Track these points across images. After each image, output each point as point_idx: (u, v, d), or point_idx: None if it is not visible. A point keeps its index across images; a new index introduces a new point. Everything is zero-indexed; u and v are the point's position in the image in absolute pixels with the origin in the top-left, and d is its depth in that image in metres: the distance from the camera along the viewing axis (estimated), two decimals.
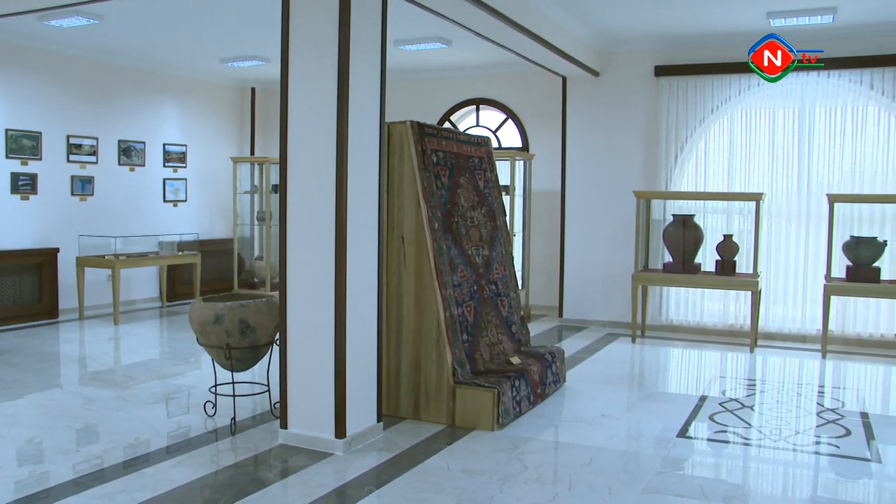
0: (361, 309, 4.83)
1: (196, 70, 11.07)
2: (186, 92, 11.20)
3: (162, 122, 10.84)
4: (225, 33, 8.81)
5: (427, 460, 4.65)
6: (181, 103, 11.13)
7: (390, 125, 5.42)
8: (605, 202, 9.33)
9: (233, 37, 8.98)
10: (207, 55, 10.11)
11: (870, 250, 7.81)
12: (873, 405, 6.24)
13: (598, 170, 9.40)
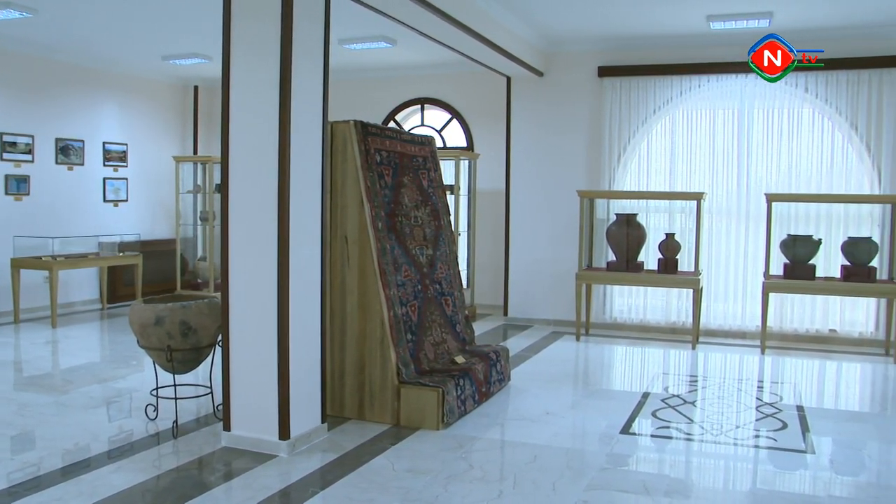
0: (305, 309, 4.80)
1: (137, 67, 10.87)
2: (127, 89, 11.00)
3: (101, 120, 10.63)
4: (166, 30, 8.66)
5: (372, 460, 4.63)
6: (121, 101, 10.92)
7: (333, 124, 5.39)
8: (549, 201, 9.40)
9: (174, 34, 8.85)
10: (148, 52, 9.93)
11: (806, 248, 7.99)
12: (809, 399, 6.39)
13: (542, 169, 9.47)
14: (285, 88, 4.53)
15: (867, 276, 7.82)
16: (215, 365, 5.21)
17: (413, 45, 8.75)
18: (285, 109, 4.53)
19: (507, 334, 8.87)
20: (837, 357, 7.95)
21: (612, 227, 8.62)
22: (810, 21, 7.91)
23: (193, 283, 10.93)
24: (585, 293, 8.87)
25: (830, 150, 8.52)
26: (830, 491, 4.38)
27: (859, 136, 8.31)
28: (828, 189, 8.45)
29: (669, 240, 8.49)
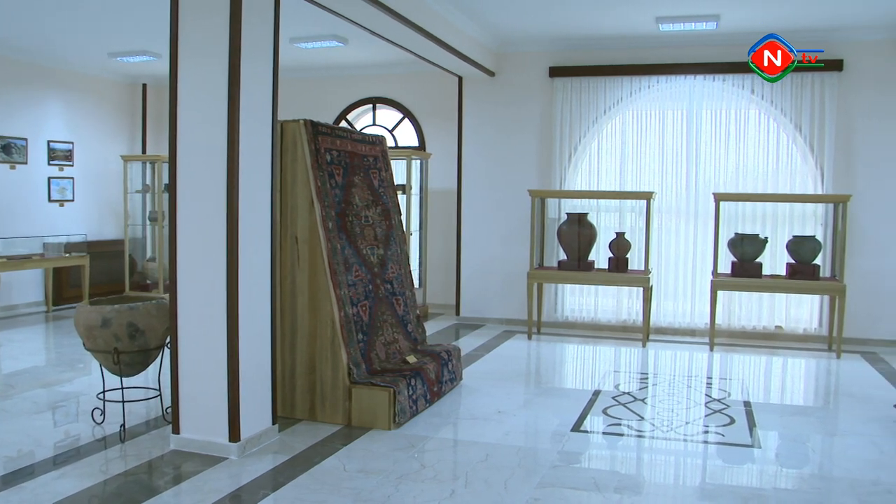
0: (254, 310, 4.75)
1: (83, 64, 10.65)
2: (72, 87, 10.78)
3: (46, 118, 10.40)
4: (113, 27, 8.50)
5: (323, 461, 4.60)
6: (67, 98, 10.70)
7: (283, 124, 5.34)
8: (500, 201, 9.43)
9: (122, 31, 8.69)
10: (95, 49, 9.74)
11: (753, 247, 8.13)
12: (755, 394, 6.49)
13: (493, 169, 9.49)
14: (234, 87, 4.47)
15: (811, 273, 7.98)
16: (164, 367, 5.13)
17: (365, 44, 8.72)
18: (234, 109, 4.48)
19: (459, 333, 8.88)
20: (783, 353, 8.10)
21: (563, 226, 8.68)
22: (756, 25, 8.04)
23: (143, 285, 10.77)
24: (537, 292, 8.92)
25: (776, 151, 8.69)
26: (776, 484, 4.46)
27: (803, 136, 8.47)
28: (774, 188, 8.62)
29: (620, 239, 8.57)
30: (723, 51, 8.61)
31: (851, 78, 8.37)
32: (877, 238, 8.37)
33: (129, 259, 10.74)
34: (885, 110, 8.34)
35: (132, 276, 10.79)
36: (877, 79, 8.33)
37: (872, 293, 8.38)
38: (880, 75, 8.31)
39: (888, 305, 8.40)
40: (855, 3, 7.35)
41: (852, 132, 8.41)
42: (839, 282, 7.88)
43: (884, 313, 8.42)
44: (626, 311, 9.19)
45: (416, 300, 6.67)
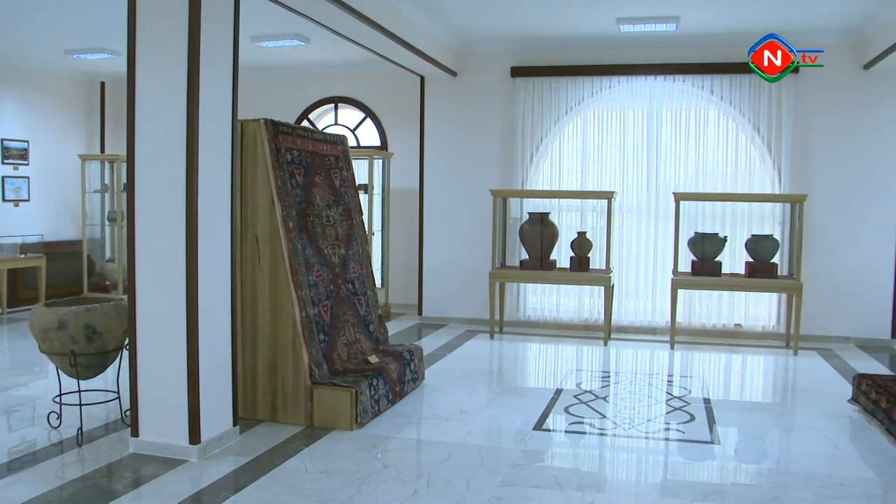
0: (214, 310, 4.70)
1: (38, 61, 10.45)
2: (28, 84, 10.58)
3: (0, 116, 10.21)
4: (70, 23, 8.35)
5: (285, 463, 4.57)
6: (21, 96, 10.51)
7: (243, 123, 5.29)
8: (463, 200, 9.43)
9: (79, 27, 8.54)
10: (50, 45, 9.55)
11: (712, 246, 8.22)
12: (715, 391, 6.57)
13: (456, 168, 9.49)
14: (193, 87, 4.42)
15: (769, 272, 8.08)
16: (123, 369, 5.05)
17: (327, 43, 8.67)
18: (193, 108, 4.43)
19: (421, 333, 8.87)
20: (742, 350, 8.21)
21: (524, 225, 8.70)
22: (714, 26, 8.15)
23: (102, 286, 10.61)
24: (499, 291, 8.94)
25: (735, 151, 8.79)
26: (735, 479, 4.52)
27: (761, 137, 8.59)
28: (733, 188, 8.72)
29: (581, 238, 8.61)
30: (682, 52, 8.71)
31: (807, 80, 8.51)
32: (832, 237, 8.52)
33: (87, 260, 10.57)
34: (839, 112, 8.49)
35: (91, 277, 10.63)
36: (831, 81, 8.47)
37: (828, 291, 8.53)
38: (834, 78, 8.45)
39: (843, 303, 8.55)
40: (810, 7, 7.47)
41: (808, 133, 8.55)
42: (796, 280, 8.00)
43: (838, 311, 8.57)
44: (587, 309, 9.24)
45: (378, 300, 6.66)
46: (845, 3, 7.36)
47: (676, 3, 7.45)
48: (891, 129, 8.40)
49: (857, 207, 8.49)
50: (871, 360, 7.73)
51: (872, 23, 7.81)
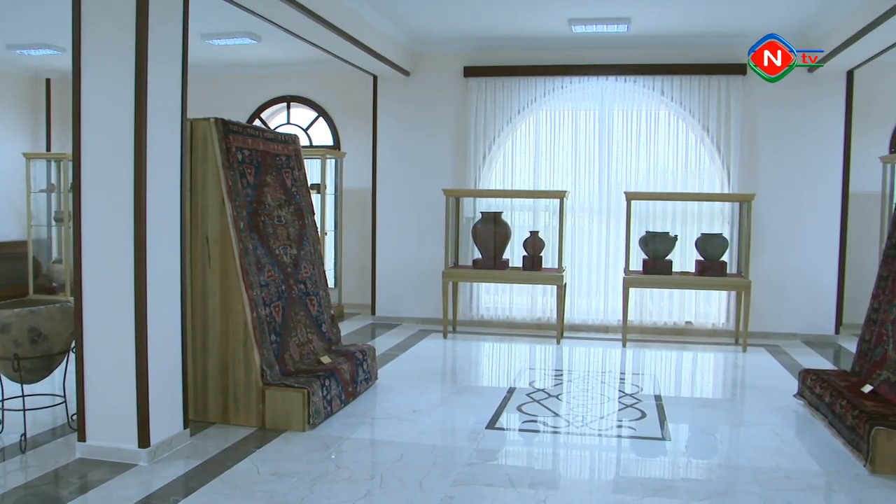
0: (164, 311, 4.63)
1: None
2: None
3: None
4: (12, 17, 8.15)
5: (236, 465, 4.51)
6: None
7: (193, 122, 5.22)
8: (415, 200, 9.42)
9: (22, 22, 8.33)
10: None
11: (663, 244, 8.31)
12: (667, 388, 6.64)
13: (408, 168, 9.47)
14: (141, 85, 4.34)
15: (719, 270, 8.20)
16: (70, 373, 4.95)
17: (279, 42, 8.59)
18: (141, 107, 4.35)
19: (374, 333, 8.84)
20: (693, 348, 8.31)
21: (477, 225, 8.71)
22: (665, 28, 8.25)
23: (48, 287, 10.39)
24: (452, 291, 8.95)
25: (685, 151, 8.90)
26: (685, 474, 4.58)
27: (710, 137, 8.71)
28: (683, 187, 8.83)
29: (534, 237, 8.65)
30: (634, 53, 8.79)
31: (755, 81, 8.61)
32: (779, 236, 8.67)
33: (33, 261, 10.35)
34: (784, 114, 8.66)
35: (37, 278, 10.40)
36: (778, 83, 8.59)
37: (775, 289, 8.68)
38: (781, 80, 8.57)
39: (789, 300, 8.72)
40: (757, 10, 7.59)
41: (756, 134, 8.70)
42: (745, 278, 8.12)
43: (785, 308, 8.74)
44: (540, 308, 9.28)
45: (331, 300, 6.62)
46: (791, 8, 7.50)
47: (627, 5, 7.52)
48: (834, 129, 8.59)
49: (803, 206, 8.65)
50: (817, 355, 7.89)
51: (816, 28, 7.98)
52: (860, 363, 5.64)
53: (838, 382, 5.46)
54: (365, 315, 9.89)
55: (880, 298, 5.57)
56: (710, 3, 7.40)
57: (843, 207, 8.62)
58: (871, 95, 8.78)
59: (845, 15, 7.22)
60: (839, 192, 8.61)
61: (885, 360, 5.21)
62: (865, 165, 8.79)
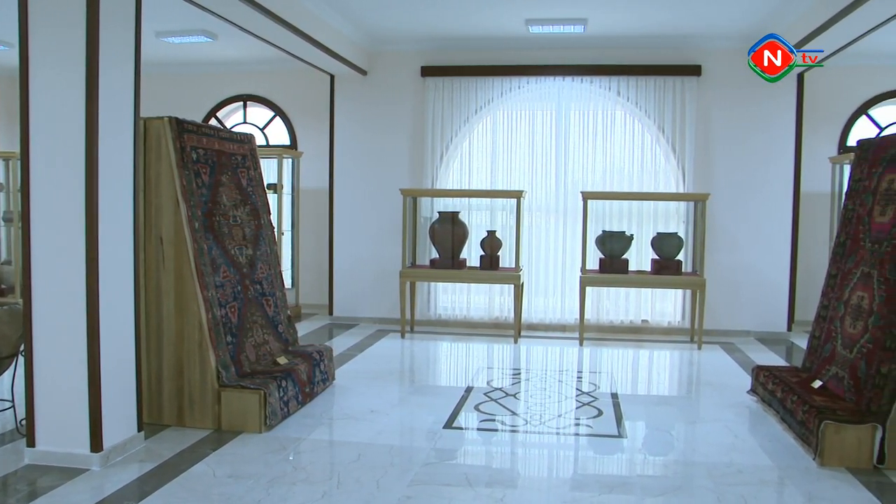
0: (117, 313, 4.55)
1: None
2: None
3: None
4: None
5: (192, 468, 4.45)
6: None
7: (147, 121, 5.14)
8: (373, 200, 9.38)
9: None
10: None
11: (619, 243, 8.38)
12: (623, 386, 6.69)
13: (366, 168, 9.44)
14: (92, 83, 4.26)
15: (675, 269, 8.28)
16: (18, 377, 4.84)
17: (235, 40, 8.51)
18: (92, 105, 4.27)
19: (332, 333, 8.79)
20: (649, 346, 8.39)
21: (435, 224, 8.71)
22: (621, 29, 8.32)
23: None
24: (410, 291, 8.94)
25: (641, 151, 8.99)
26: (642, 471, 4.62)
27: (666, 137, 8.80)
28: (639, 187, 8.92)
29: (491, 237, 8.67)
30: (590, 53, 8.86)
31: (708, 83, 8.77)
32: (733, 234, 8.79)
33: None
34: (738, 114, 8.79)
35: None
36: (730, 84, 8.75)
37: (730, 287, 8.80)
38: (734, 81, 8.74)
39: (743, 298, 8.84)
40: (711, 13, 7.70)
41: (710, 134, 8.82)
42: (699, 277, 8.21)
43: (739, 306, 8.87)
44: (498, 308, 9.31)
45: (288, 300, 6.58)
46: (744, 12, 7.63)
47: (584, 6, 7.56)
48: (786, 131, 8.73)
49: (756, 206, 8.79)
50: (770, 352, 8.02)
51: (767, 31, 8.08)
52: (810, 359, 5.74)
53: (789, 378, 5.56)
54: (322, 315, 9.84)
55: (829, 296, 5.68)
56: (666, 4, 7.48)
57: (795, 207, 8.78)
58: (820, 97, 8.98)
59: (795, 19, 7.36)
60: (791, 192, 8.76)
61: (834, 356, 5.31)
62: (815, 166, 8.98)
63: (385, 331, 8.98)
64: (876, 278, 5.00)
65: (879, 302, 4.88)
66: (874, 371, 4.72)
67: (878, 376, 4.68)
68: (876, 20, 6.43)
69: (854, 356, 5.01)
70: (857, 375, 4.91)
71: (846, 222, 5.69)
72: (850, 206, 5.68)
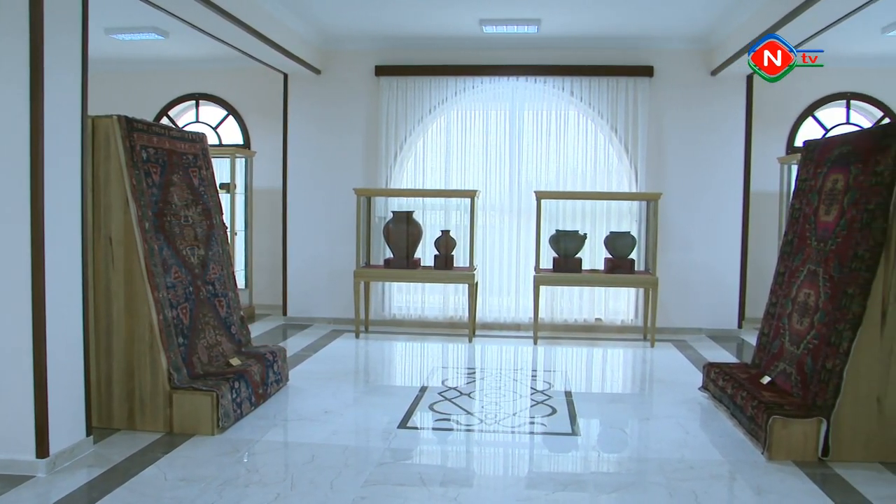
0: (64, 315, 4.46)
1: None
2: None
3: None
4: None
5: (142, 472, 4.38)
6: None
7: (95, 120, 5.04)
8: (327, 199, 9.33)
9: None
10: None
11: (573, 243, 8.43)
12: (577, 384, 6.74)
13: (320, 167, 9.38)
14: (37, 81, 4.16)
15: (628, 267, 8.36)
16: None
17: (186, 38, 8.40)
18: (37, 103, 4.17)
19: (286, 334, 8.73)
20: (602, 344, 8.46)
21: (389, 224, 8.69)
22: (574, 30, 8.38)
23: None
24: (364, 290, 8.91)
25: (594, 151, 9.06)
26: (596, 468, 4.65)
27: (619, 137, 8.88)
28: (592, 186, 8.98)
29: (445, 236, 8.67)
30: (544, 54, 8.91)
31: (660, 83, 8.87)
32: (685, 233, 8.90)
33: None
34: (688, 115, 8.91)
35: None
36: (681, 85, 8.87)
37: (681, 285, 8.91)
38: (684, 82, 8.86)
39: (695, 296, 8.96)
40: (662, 15, 7.80)
41: (662, 134, 8.92)
42: (652, 275, 8.31)
43: (691, 304, 8.98)
44: (452, 307, 9.31)
45: (241, 301, 6.51)
46: (694, 13, 7.74)
47: (537, 6, 7.61)
48: (736, 131, 8.88)
49: (707, 205, 8.91)
50: (721, 349, 8.13)
51: (717, 33, 8.25)
52: (760, 356, 5.84)
53: (739, 375, 5.65)
54: (276, 316, 9.76)
55: (777, 293, 5.78)
56: (618, 6, 7.55)
57: (745, 206, 8.92)
58: (769, 99, 9.14)
59: (744, 21, 7.48)
60: (741, 192, 8.90)
61: (782, 352, 5.40)
62: (765, 166, 9.14)
63: (339, 331, 8.94)
64: (821, 276, 5.10)
65: (825, 299, 4.98)
66: (820, 366, 4.82)
67: (823, 371, 4.78)
68: (822, 23, 6.56)
69: (801, 352, 5.11)
70: (803, 371, 5.00)
71: (793, 221, 5.80)
72: (797, 206, 5.78)
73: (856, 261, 4.74)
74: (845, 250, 4.87)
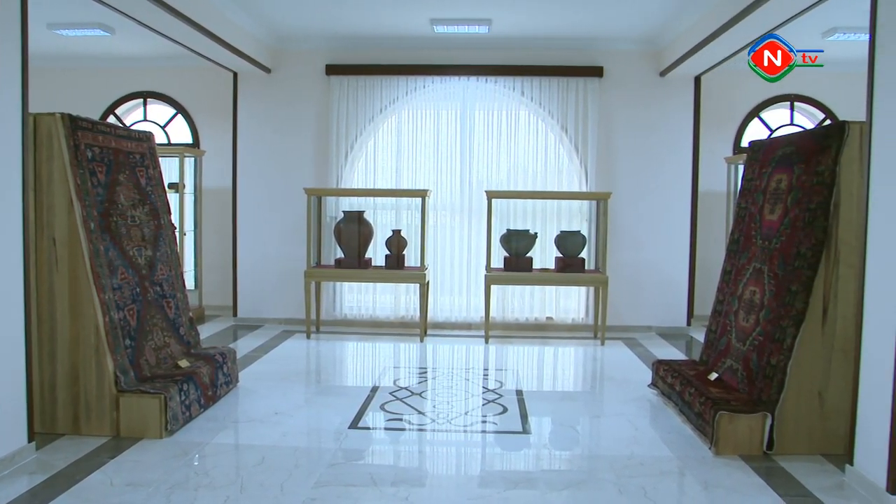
0: (5, 317, 4.36)
1: None
2: None
3: None
4: None
5: (87, 477, 4.29)
6: None
7: (37, 117, 4.93)
8: (277, 199, 9.25)
9: None
10: None
11: (523, 242, 8.48)
12: (528, 383, 6.77)
13: (270, 167, 9.30)
14: None
15: (578, 266, 8.43)
16: None
17: (133, 35, 8.25)
18: None
19: (236, 335, 8.64)
20: (554, 342, 8.52)
21: (340, 224, 8.64)
22: (525, 30, 8.42)
23: None
24: (315, 290, 8.86)
25: (545, 150, 9.11)
26: (548, 466, 4.69)
27: (569, 137, 8.95)
28: (543, 186, 9.04)
29: (396, 236, 8.66)
30: (495, 54, 8.94)
31: (610, 84, 8.96)
32: (634, 232, 9.00)
33: None
34: (637, 115, 9.01)
35: None
36: (631, 86, 8.97)
37: (631, 284, 9.01)
38: (633, 82, 8.97)
39: (644, 295, 9.06)
40: (611, 16, 7.88)
41: (611, 134, 9.01)
42: (602, 274, 8.38)
43: (641, 302, 9.08)
44: (403, 307, 9.30)
45: (190, 302, 6.43)
46: (645, 16, 7.84)
47: (488, 6, 7.62)
48: (684, 132, 9.00)
49: (656, 204, 9.02)
50: (670, 346, 8.25)
51: (666, 34, 8.35)
52: (707, 352, 5.93)
53: (688, 372, 5.72)
54: (226, 317, 9.66)
55: (724, 291, 5.87)
56: (569, 7, 7.61)
57: (693, 205, 9.04)
58: (716, 100, 9.30)
59: (692, 23, 7.59)
60: (689, 191, 9.02)
61: (729, 349, 5.49)
62: (712, 165, 9.29)
63: (290, 331, 8.87)
64: (766, 273, 5.19)
65: (769, 296, 5.07)
66: (765, 362, 4.91)
67: (768, 367, 4.87)
68: (767, 26, 6.68)
69: (747, 349, 5.20)
70: (749, 367, 5.09)
71: (739, 220, 5.90)
72: (743, 205, 5.88)
73: (799, 259, 4.84)
74: (789, 248, 4.97)
